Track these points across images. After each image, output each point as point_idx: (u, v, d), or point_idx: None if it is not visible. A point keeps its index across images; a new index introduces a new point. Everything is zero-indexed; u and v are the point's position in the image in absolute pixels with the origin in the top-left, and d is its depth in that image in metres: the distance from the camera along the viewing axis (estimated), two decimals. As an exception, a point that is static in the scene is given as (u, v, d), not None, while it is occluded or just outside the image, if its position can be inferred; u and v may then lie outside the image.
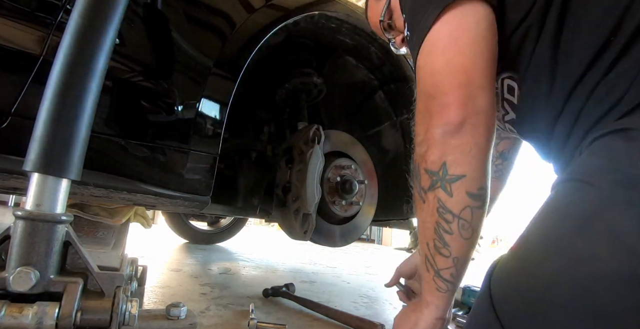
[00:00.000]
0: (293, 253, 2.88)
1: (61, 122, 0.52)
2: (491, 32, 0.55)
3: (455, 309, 1.43)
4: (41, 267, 0.50)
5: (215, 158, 0.93)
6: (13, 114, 0.66)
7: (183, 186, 0.88)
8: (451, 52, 0.54)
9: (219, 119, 0.93)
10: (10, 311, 0.45)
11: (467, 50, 0.54)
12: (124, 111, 0.80)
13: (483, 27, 0.55)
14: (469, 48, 0.54)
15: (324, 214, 1.26)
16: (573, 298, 0.39)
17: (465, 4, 0.54)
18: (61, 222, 0.52)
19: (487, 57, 0.55)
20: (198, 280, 1.50)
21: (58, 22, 0.69)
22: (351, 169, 1.32)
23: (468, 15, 0.55)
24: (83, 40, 0.55)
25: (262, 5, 0.99)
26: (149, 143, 0.83)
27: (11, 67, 0.67)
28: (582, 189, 0.45)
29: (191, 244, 2.64)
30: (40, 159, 0.51)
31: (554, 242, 0.44)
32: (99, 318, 0.51)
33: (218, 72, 0.91)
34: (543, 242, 0.46)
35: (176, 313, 0.57)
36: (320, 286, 1.71)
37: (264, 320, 1.01)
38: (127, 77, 0.79)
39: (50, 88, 0.53)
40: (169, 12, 0.83)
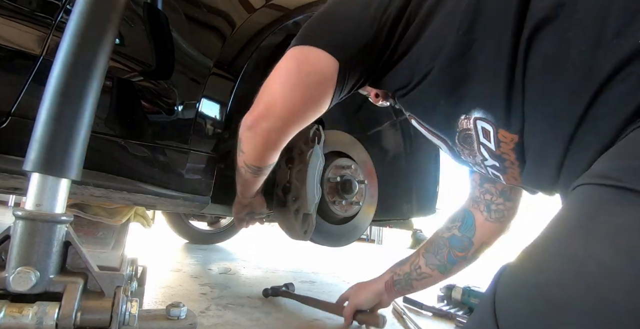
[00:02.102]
0: (293, 253, 2.88)
1: (61, 122, 0.52)
2: (318, 86, 0.65)
3: (455, 309, 1.43)
4: (41, 267, 0.50)
5: (215, 158, 0.93)
6: (13, 114, 0.66)
7: (183, 186, 0.88)
8: (279, 79, 0.66)
9: (219, 119, 0.93)
10: (10, 311, 0.45)
11: (288, 87, 0.65)
12: (124, 111, 0.80)
13: (313, 78, 0.64)
14: (289, 86, 0.65)
15: (324, 214, 1.26)
16: (573, 298, 0.38)
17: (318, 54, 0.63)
18: (61, 222, 0.52)
19: (300, 100, 0.66)
20: (198, 280, 1.50)
21: (58, 22, 0.69)
22: (351, 169, 1.32)
23: (309, 64, 0.64)
24: (83, 40, 0.55)
25: (262, 5, 0.99)
26: (149, 143, 0.83)
27: (11, 67, 0.67)
28: (588, 191, 0.44)
29: (191, 244, 2.64)
30: (40, 159, 0.51)
31: (555, 243, 0.44)
32: (99, 318, 0.51)
33: (218, 72, 0.91)
34: (547, 244, 0.45)
35: (176, 313, 0.57)
36: (320, 286, 1.71)
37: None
38: (127, 77, 0.79)
39: (50, 88, 0.53)
40: (169, 12, 0.83)
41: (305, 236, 1.16)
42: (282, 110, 0.66)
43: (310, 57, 0.64)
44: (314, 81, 0.64)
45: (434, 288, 1.72)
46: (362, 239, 6.59)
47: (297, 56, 0.65)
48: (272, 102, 0.67)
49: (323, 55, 0.63)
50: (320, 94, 0.66)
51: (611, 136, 0.46)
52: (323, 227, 1.25)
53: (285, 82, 0.65)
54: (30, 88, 0.67)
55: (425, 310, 1.42)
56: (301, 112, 0.68)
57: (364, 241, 6.89)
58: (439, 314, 1.39)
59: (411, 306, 1.45)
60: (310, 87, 0.65)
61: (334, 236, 1.31)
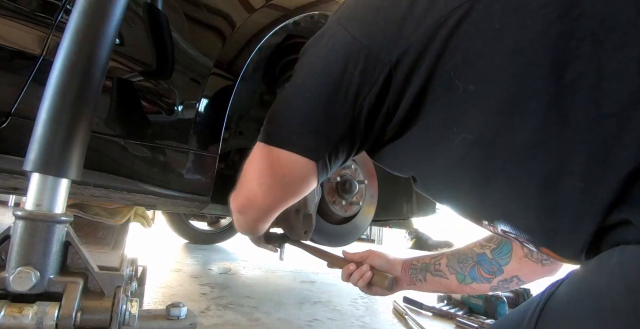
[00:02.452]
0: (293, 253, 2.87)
1: (61, 122, 0.52)
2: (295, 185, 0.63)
3: (455, 309, 1.43)
4: (41, 267, 0.50)
5: (215, 158, 0.93)
6: (13, 114, 0.66)
7: (183, 186, 0.88)
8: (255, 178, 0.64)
9: (219, 119, 0.93)
10: (10, 311, 0.45)
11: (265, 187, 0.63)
12: (124, 111, 0.80)
13: (289, 181, 0.62)
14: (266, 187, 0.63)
15: (324, 214, 1.26)
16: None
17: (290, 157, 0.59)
18: (61, 222, 0.52)
19: (280, 197, 0.66)
20: (198, 280, 1.50)
21: (58, 22, 0.69)
22: (351, 169, 1.32)
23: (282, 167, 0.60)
24: (83, 40, 0.55)
25: (262, 5, 0.99)
26: (149, 143, 0.83)
27: (11, 67, 0.67)
28: None
29: (191, 244, 2.64)
30: (40, 159, 0.51)
31: None
32: (99, 318, 0.51)
33: (218, 72, 0.91)
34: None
35: (176, 313, 0.57)
36: (320, 286, 1.71)
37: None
38: (127, 77, 0.79)
39: (50, 88, 0.53)
40: (169, 12, 0.83)
41: (305, 236, 1.16)
42: (264, 206, 0.68)
43: (282, 160, 0.59)
44: (290, 182, 0.62)
45: (434, 288, 1.72)
46: (362, 239, 6.59)
47: (269, 158, 0.61)
48: (252, 197, 0.66)
49: (296, 158, 0.58)
50: (299, 189, 0.65)
51: None
52: (323, 227, 1.25)
53: (261, 183, 0.63)
54: (30, 88, 0.67)
55: (425, 310, 1.42)
56: (283, 205, 0.69)
57: (364, 241, 6.89)
58: (439, 314, 1.39)
59: (411, 306, 1.45)
60: (287, 187, 0.63)
61: (334, 236, 1.31)
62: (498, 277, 0.83)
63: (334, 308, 1.31)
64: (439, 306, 1.44)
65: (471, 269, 0.87)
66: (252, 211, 0.71)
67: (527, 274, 0.80)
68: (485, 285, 0.85)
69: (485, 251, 0.86)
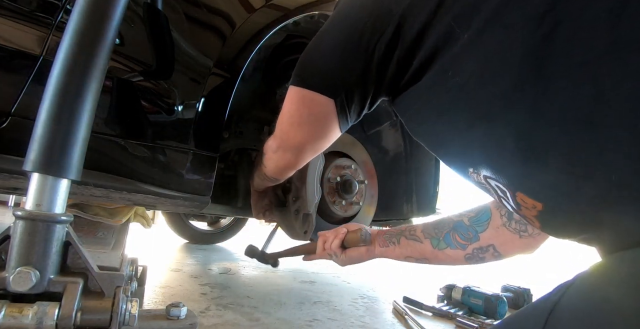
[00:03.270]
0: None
1: (61, 122, 0.52)
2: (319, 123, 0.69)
3: (455, 309, 1.43)
4: (41, 267, 0.50)
5: (215, 158, 0.93)
6: (13, 114, 0.66)
7: (183, 186, 0.88)
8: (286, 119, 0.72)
9: (219, 119, 0.93)
10: (10, 311, 0.45)
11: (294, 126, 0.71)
12: (124, 111, 0.80)
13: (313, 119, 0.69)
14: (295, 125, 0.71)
15: (324, 214, 1.26)
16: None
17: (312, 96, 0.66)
18: (61, 222, 0.52)
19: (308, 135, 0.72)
20: (198, 280, 1.51)
21: (58, 22, 0.69)
22: (351, 169, 1.32)
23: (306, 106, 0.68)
24: (83, 40, 0.55)
25: (262, 5, 0.99)
26: (149, 143, 0.83)
27: (11, 67, 0.67)
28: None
29: (191, 244, 2.64)
30: (40, 159, 0.51)
31: None
32: (99, 318, 0.51)
33: (218, 72, 0.91)
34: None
35: (176, 313, 0.57)
36: (320, 286, 1.71)
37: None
38: (127, 77, 0.79)
39: (50, 88, 0.53)
40: (169, 12, 0.83)
41: (305, 236, 1.16)
42: (295, 143, 0.75)
43: (305, 99, 0.67)
44: (314, 120, 0.69)
45: (434, 288, 1.72)
46: (362, 239, 6.58)
47: (295, 99, 0.69)
48: (285, 138, 0.75)
49: (316, 96, 0.65)
50: (324, 128, 0.70)
51: None
52: (323, 227, 1.25)
53: (291, 123, 0.72)
54: (30, 88, 0.67)
55: (425, 310, 1.42)
56: (312, 143, 0.75)
57: (364, 241, 6.88)
58: (439, 314, 1.39)
59: (411, 306, 1.45)
60: (312, 124, 0.70)
61: (334, 236, 1.31)
62: (473, 244, 0.84)
63: (334, 308, 1.31)
64: (439, 306, 1.44)
65: (446, 235, 0.88)
66: (286, 151, 0.78)
67: (504, 244, 0.81)
68: (460, 252, 0.86)
69: (463, 219, 0.87)
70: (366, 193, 1.38)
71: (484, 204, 0.87)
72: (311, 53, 0.69)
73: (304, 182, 1.12)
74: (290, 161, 0.82)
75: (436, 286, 1.65)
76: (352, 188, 1.26)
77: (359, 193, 1.31)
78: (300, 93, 0.67)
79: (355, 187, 1.26)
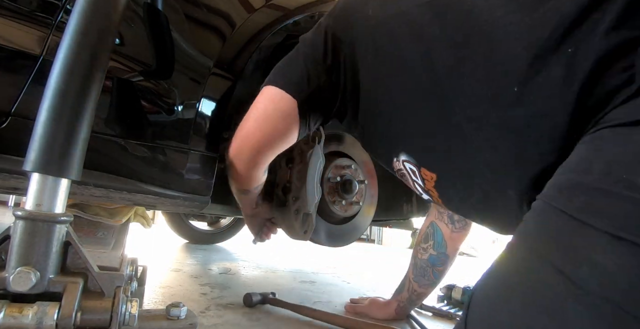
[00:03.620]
0: (293, 253, 2.88)
1: (61, 122, 0.52)
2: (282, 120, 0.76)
3: (455, 309, 1.43)
4: (41, 267, 0.50)
5: (215, 158, 0.93)
6: (13, 114, 0.66)
7: (183, 186, 0.88)
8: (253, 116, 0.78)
9: (219, 119, 0.93)
10: (10, 311, 0.45)
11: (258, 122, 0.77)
12: (124, 111, 0.80)
13: (278, 114, 0.75)
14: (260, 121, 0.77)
15: (324, 214, 1.26)
16: None
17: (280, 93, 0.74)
18: (61, 222, 0.52)
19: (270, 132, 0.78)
20: (198, 280, 1.50)
21: (58, 22, 0.69)
22: (351, 169, 1.32)
23: (273, 102, 0.76)
24: (83, 40, 0.55)
25: (262, 5, 0.99)
26: (149, 143, 0.83)
27: (11, 67, 0.67)
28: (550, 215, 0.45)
29: (191, 244, 2.64)
30: (40, 159, 0.51)
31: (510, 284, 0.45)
32: (99, 318, 0.51)
33: (218, 72, 0.91)
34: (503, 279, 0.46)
35: (176, 313, 0.57)
36: (320, 286, 1.71)
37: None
38: (127, 77, 0.79)
39: (50, 88, 0.53)
40: (169, 12, 0.83)
41: (305, 236, 1.16)
42: (256, 140, 0.79)
43: (274, 96, 0.75)
44: (278, 116, 0.76)
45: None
46: (362, 239, 6.59)
47: (265, 96, 0.77)
48: (245, 135, 0.79)
49: (283, 94, 0.74)
50: (285, 127, 0.77)
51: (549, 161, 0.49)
52: (323, 227, 1.25)
53: (255, 118, 0.78)
54: (30, 88, 0.67)
55: (425, 310, 1.42)
56: (271, 141, 0.79)
57: (364, 240, 6.89)
58: (439, 314, 1.39)
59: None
60: (275, 121, 0.76)
61: (334, 236, 1.31)
62: (448, 262, 1.10)
63: (334, 308, 1.31)
64: (438, 306, 1.44)
65: (433, 274, 1.12)
66: (246, 151, 0.81)
67: (458, 243, 1.09)
68: (444, 272, 1.12)
69: (430, 252, 1.11)
70: (366, 193, 1.38)
71: (430, 224, 1.12)
72: (285, 60, 0.80)
73: (304, 182, 1.12)
74: (250, 162, 0.84)
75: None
76: (352, 188, 1.26)
77: (359, 193, 1.31)
78: (269, 90, 0.76)
79: (355, 187, 1.26)
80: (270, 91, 0.76)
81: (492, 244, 7.59)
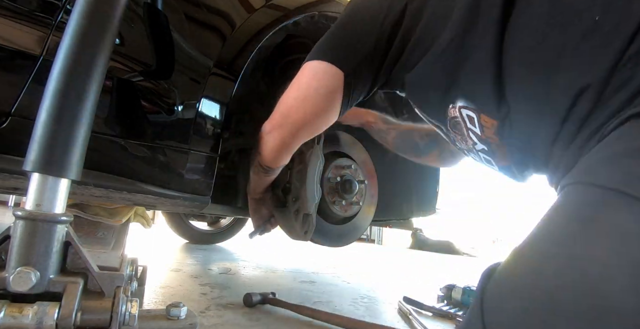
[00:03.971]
0: (293, 253, 2.88)
1: (61, 122, 0.52)
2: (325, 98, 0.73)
3: (455, 309, 1.43)
4: (41, 267, 0.50)
5: (215, 158, 0.93)
6: (13, 114, 0.66)
7: (183, 186, 0.88)
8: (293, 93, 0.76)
9: (219, 119, 0.93)
10: (10, 311, 0.45)
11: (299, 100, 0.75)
12: (124, 111, 0.80)
13: (321, 92, 0.72)
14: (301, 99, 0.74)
15: (324, 214, 1.26)
16: (572, 300, 0.36)
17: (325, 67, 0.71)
18: (61, 222, 0.52)
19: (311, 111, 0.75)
20: (198, 280, 1.51)
21: (58, 22, 0.69)
22: (351, 169, 1.32)
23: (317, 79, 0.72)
24: (83, 40, 0.55)
25: (262, 5, 0.99)
26: (149, 143, 0.83)
27: (11, 67, 0.67)
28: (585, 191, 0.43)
29: (191, 244, 2.64)
30: (40, 159, 0.51)
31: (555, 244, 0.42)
32: (99, 318, 0.51)
33: (218, 72, 0.91)
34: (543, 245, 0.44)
35: (176, 313, 0.57)
36: (320, 286, 1.71)
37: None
38: (127, 77, 0.79)
39: (50, 88, 0.53)
40: (169, 12, 0.83)
41: (305, 236, 1.16)
42: (296, 119, 0.76)
43: (318, 71, 0.72)
44: (322, 93, 0.72)
45: (434, 288, 1.72)
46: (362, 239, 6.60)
47: (307, 73, 0.73)
48: (286, 113, 0.77)
49: (329, 68, 0.70)
50: (328, 104, 0.73)
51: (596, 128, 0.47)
52: (323, 227, 1.25)
53: (297, 96, 0.74)
54: (30, 88, 0.67)
55: (425, 310, 1.42)
56: (312, 121, 0.77)
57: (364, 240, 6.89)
58: (439, 314, 1.39)
59: (411, 306, 1.45)
60: (318, 99, 0.73)
61: (334, 236, 1.31)
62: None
63: (334, 308, 1.31)
64: (438, 306, 1.44)
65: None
66: (284, 128, 0.79)
67: None
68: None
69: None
70: (366, 193, 1.38)
71: None
72: (328, 34, 0.76)
73: (303, 183, 1.12)
74: (284, 140, 0.82)
75: (436, 286, 1.65)
76: (352, 188, 1.26)
77: (359, 193, 1.31)
78: (311, 65, 0.73)
79: (355, 187, 1.26)
80: (313, 65, 0.72)
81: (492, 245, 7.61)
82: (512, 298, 0.40)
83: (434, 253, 5.70)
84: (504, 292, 0.42)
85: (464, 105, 0.63)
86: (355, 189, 1.26)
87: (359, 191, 1.31)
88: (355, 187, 1.27)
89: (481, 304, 0.43)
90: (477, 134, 0.65)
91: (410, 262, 3.79)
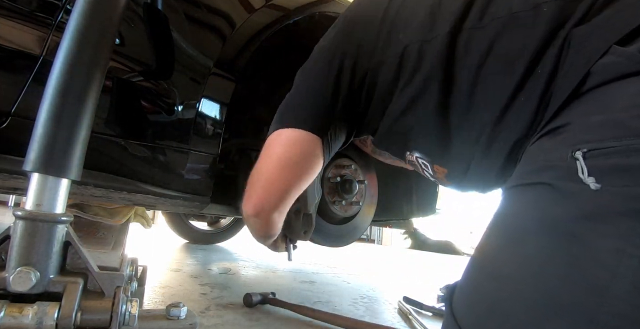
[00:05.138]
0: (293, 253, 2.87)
1: (61, 122, 0.52)
2: (305, 162, 0.71)
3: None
4: (41, 267, 0.50)
5: (215, 158, 0.93)
6: (13, 114, 0.66)
7: (183, 186, 0.88)
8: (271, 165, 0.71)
9: (219, 119, 0.93)
10: (10, 311, 0.45)
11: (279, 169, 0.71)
12: (124, 111, 0.80)
13: (300, 158, 0.70)
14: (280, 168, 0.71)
15: (324, 214, 1.26)
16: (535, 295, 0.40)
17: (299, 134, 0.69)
18: (61, 222, 0.52)
19: (293, 178, 0.72)
20: (198, 280, 1.50)
21: (58, 22, 0.69)
22: (351, 169, 1.32)
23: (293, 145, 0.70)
24: (83, 40, 0.55)
25: (262, 5, 0.99)
26: (149, 143, 0.83)
27: (11, 67, 0.67)
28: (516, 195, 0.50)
29: (191, 244, 2.64)
30: (40, 159, 0.51)
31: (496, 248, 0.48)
32: (99, 318, 0.51)
33: (218, 72, 0.91)
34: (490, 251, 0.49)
35: (176, 313, 0.57)
36: (320, 286, 1.71)
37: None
38: (127, 77, 0.79)
39: (50, 88, 0.53)
40: (169, 12, 0.83)
41: (305, 236, 1.16)
42: (279, 190, 0.72)
43: (296, 139, 0.69)
44: (304, 159, 0.71)
45: (434, 288, 1.72)
46: (362, 239, 6.59)
47: (285, 141, 0.70)
48: (268, 186, 0.73)
49: (307, 136, 0.69)
50: (310, 167, 0.72)
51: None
52: (323, 227, 1.25)
53: (279, 166, 0.71)
54: (30, 88, 0.67)
55: (425, 310, 1.42)
56: (298, 185, 0.74)
57: (364, 241, 6.89)
58: (439, 314, 1.39)
59: (411, 306, 1.45)
60: (301, 164, 0.71)
61: (334, 236, 1.31)
62: None
63: (334, 308, 1.31)
64: (439, 306, 1.44)
65: None
66: (269, 204, 0.74)
67: None
68: None
69: None
70: (366, 193, 1.38)
71: None
72: (288, 100, 0.74)
73: (304, 182, 1.12)
74: (274, 218, 0.78)
75: (436, 286, 1.65)
76: (352, 188, 1.26)
77: (359, 193, 1.31)
78: (285, 134, 0.70)
79: (355, 187, 1.26)
80: (287, 134, 0.70)
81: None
82: (477, 301, 0.46)
83: (434, 252, 5.70)
84: (468, 298, 0.48)
85: (419, 156, 0.71)
86: (355, 189, 1.26)
87: (359, 191, 1.31)
88: (355, 187, 1.27)
89: (452, 313, 0.48)
90: (430, 174, 0.74)
91: (410, 262, 3.79)
